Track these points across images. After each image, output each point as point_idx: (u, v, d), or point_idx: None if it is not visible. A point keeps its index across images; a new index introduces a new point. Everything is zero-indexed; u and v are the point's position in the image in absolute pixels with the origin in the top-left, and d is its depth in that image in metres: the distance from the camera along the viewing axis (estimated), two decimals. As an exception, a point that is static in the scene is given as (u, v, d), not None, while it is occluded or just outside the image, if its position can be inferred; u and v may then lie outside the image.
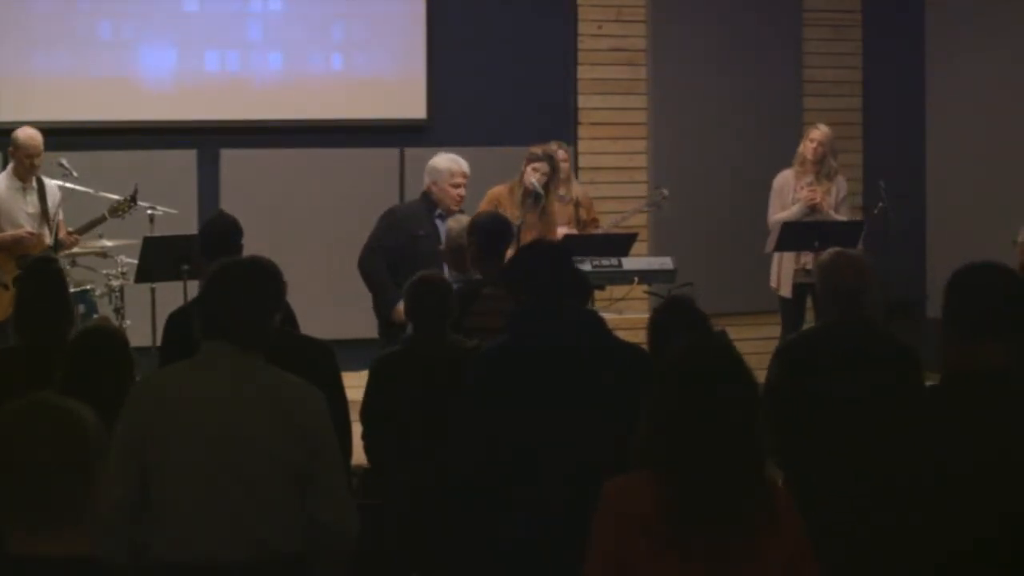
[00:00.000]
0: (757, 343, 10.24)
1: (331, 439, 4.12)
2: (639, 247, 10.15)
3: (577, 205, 9.54)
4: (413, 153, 10.92)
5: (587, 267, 8.55)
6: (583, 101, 11.47)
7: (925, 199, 11.73)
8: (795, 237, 9.64)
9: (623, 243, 9.30)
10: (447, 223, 7.67)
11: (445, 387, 5.25)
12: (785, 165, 10.06)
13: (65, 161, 9.11)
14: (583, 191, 9.79)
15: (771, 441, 5.13)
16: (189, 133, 10.66)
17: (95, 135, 10.29)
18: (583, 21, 11.45)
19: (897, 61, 11.92)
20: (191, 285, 8.49)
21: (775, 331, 10.11)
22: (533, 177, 8.90)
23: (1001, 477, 3.43)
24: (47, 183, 9.10)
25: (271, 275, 4.30)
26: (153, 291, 8.99)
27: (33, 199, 9.07)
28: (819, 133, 9.99)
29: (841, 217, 9.95)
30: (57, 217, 9.08)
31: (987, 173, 11.21)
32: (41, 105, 10.11)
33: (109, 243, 9.30)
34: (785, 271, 9.89)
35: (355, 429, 5.74)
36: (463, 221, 7.40)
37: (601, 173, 11.22)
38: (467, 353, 5.62)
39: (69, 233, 9.10)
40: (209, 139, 10.69)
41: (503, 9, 11.23)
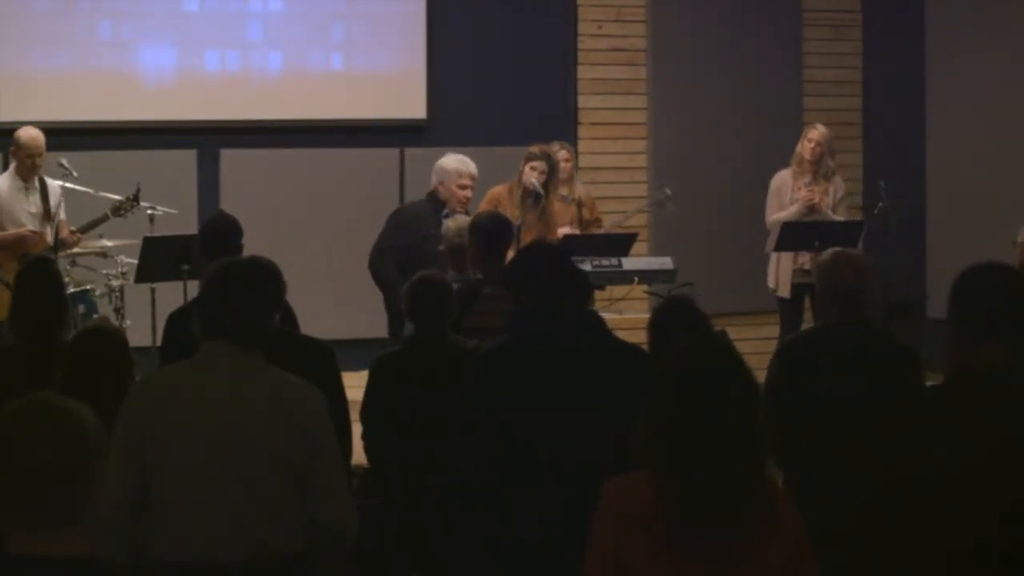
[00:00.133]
0: (757, 343, 10.24)
1: (331, 439, 4.12)
2: (639, 247, 10.15)
3: (580, 205, 9.53)
4: (413, 153, 10.92)
5: (587, 267, 8.55)
6: (583, 101, 11.47)
7: (925, 199, 11.72)
8: (795, 237, 9.64)
9: (623, 243, 9.30)
10: (446, 223, 7.67)
11: (445, 387, 5.25)
12: (785, 165, 10.07)
13: (65, 161, 9.11)
14: (586, 191, 9.79)
15: (771, 441, 5.13)
16: (189, 133, 10.66)
17: (95, 135, 10.29)
18: (583, 21, 11.45)
19: (897, 61, 11.92)
20: (191, 285, 8.49)
21: (775, 331, 10.11)
22: (532, 176, 8.90)
23: (1001, 476, 3.44)
24: (49, 183, 9.11)
25: (271, 275, 4.30)
26: (153, 291, 8.99)
27: (35, 199, 9.07)
28: (817, 133, 9.99)
29: (839, 217, 9.95)
30: (58, 217, 9.08)
31: (987, 173, 11.21)
32: (41, 105, 10.11)
33: (109, 243, 9.30)
34: (783, 271, 9.89)
35: (355, 429, 5.74)
36: (461, 221, 7.41)
37: (601, 173, 11.22)
38: (467, 353, 5.62)
39: (72, 232, 9.10)
40: (209, 139, 10.69)
41: (503, 9, 11.23)
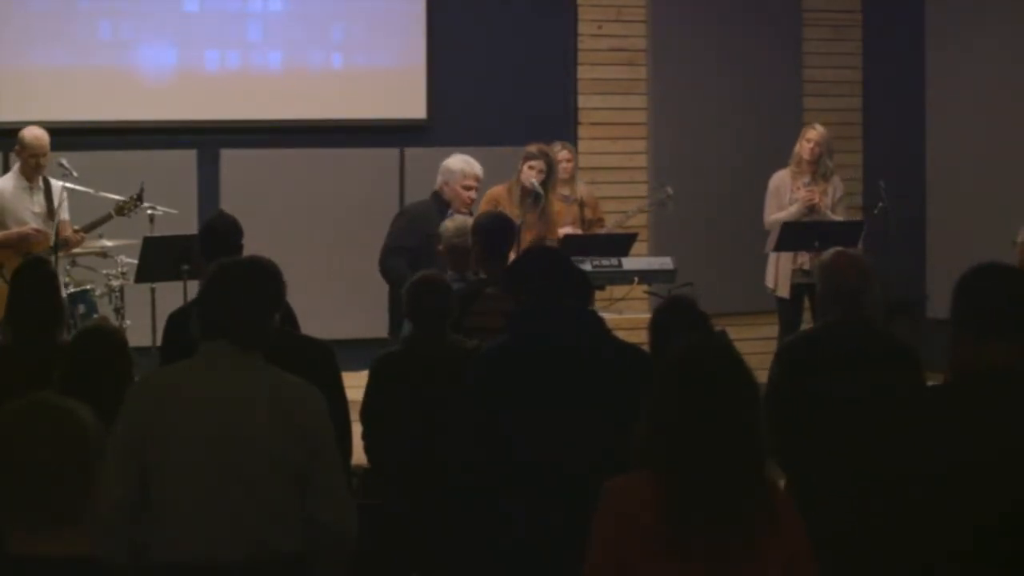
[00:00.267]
0: (757, 343, 10.24)
1: (331, 439, 4.12)
2: (639, 247, 10.15)
3: (582, 205, 9.53)
4: (413, 153, 10.93)
5: (587, 267, 8.55)
6: (583, 101, 11.47)
7: (925, 199, 11.72)
8: (795, 237, 9.64)
9: (623, 243, 9.30)
10: (444, 224, 7.66)
11: (445, 387, 5.25)
12: (785, 165, 10.06)
13: (65, 161, 9.10)
14: (588, 191, 9.79)
15: (773, 441, 5.14)
16: (189, 133, 10.66)
17: (95, 135, 10.29)
18: (583, 21, 11.45)
19: (897, 61, 11.92)
20: (191, 285, 8.49)
21: (775, 331, 10.12)
22: (530, 176, 8.90)
23: (1002, 477, 3.44)
24: (53, 183, 9.10)
25: (271, 275, 4.30)
26: (153, 291, 8.99)
27: (39, 199, 9.07)
28: (815, 133, 9.99)
29: (838, 217, 9.95)
30: (59, 217, 9.06)
31: (987, 173, 11.21)
32: (41, 105, 10.11)
33: (109, 243, 9.30)
34: (783, 271, 9.89)
35: (355, 429, 5.74)
36: (459, 221, 7.41)
37: (601, 173, 11.21)
38: (467, 353, 5.62)
39: (76, 231, 9.10)
40: (209, 139, 10.69)
41: (503, 9, 11.23)
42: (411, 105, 11.05)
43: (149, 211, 9.21)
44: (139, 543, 3.99)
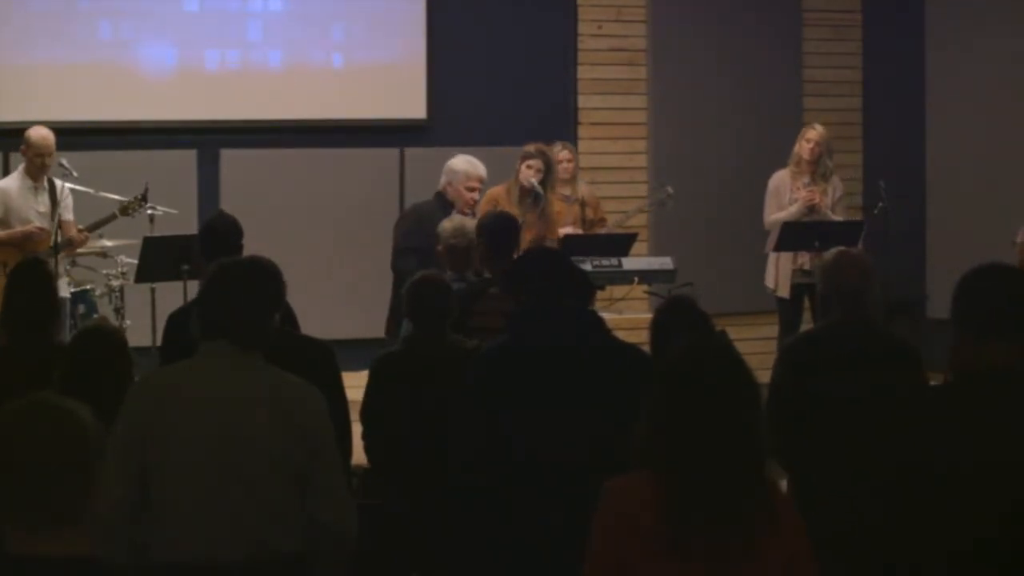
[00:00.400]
0: (757, 343, 10.24)
1: (331, 439, 4.12)
2: (639, 247, 10.15)
3: (583, 205, 9.53)
4: (413, 153, 10.93)
5: (587, 267, 8.55)
6: (583, 101, 11.47)
7: (925, 199, 11.73)
8: (795, 237, 9.64)
9: (623, 243, 9.30)
10: (441, 224, 7.64)
11: (445, 387, 5.25)
12: (785, 165, 10.06)
13: (65, 161, 9.10)
14: (590, 191, 9.78)
15: (775, 441, 5.14)
16: (189, 133, 10.66)
17: (95, 135, 10.28)
18: (583, 21, 11.45)
19: (897, 61, 11.92)
20: (191, 285, 8.49)
21: (774, 331, 10.12)
22: (529, 175, 8.90)
23: (1002, 477, 3.44)
24: (58, 183, 9.09)
25: (271, 275, 4.30)
26: (153, 291, 8.99)
27: (44, 199, 9.05)
28: (815, 133, 9.99)
29: (838, 217, 9.95)
30: (58, 216, 9.03)
31: (987, 173, 11.21)
32: (41, 105, 10.10)
33: (109, 243, 9.30)
34: (783, 271, 9.89)
35: (355, 429, 5.74)
36: (457, 221, 7.40)
37: (601, 173, 11.21)
38: (467, 353, 5.62)
39: (80, 231, 9.10)
40: (209, 139, 10.69)
41: (503, 9, 11.23)
42: (411, 105, 11.05)
43: (149, 211, 9.21)
44: (139, 543, 3.99)
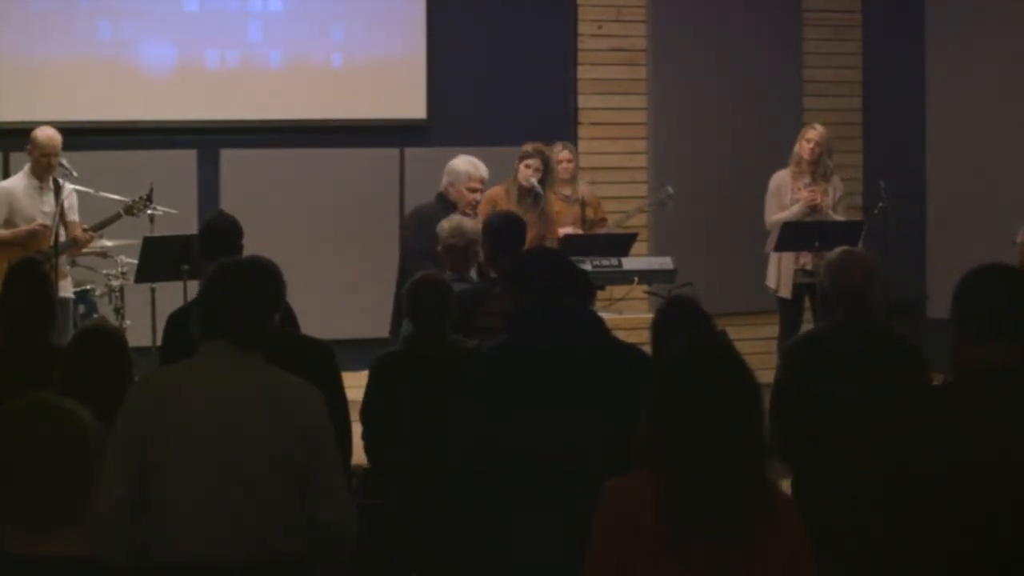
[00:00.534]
0: (757, 343, 10.24)
1: (330, 439, 4.12)
2: (639, 247, 10.15)
3: (583, 205, 9.52)
4: (413, 153, 10.93)
5: (587, 267, 8.55)
6: (583, 101, 11.47)
7: (925, 199, 11.73)
8: (795, 237, 9.64)
9: (623, 243, 9.30)
10: (440, 224, 7.63)
11: (445, 387, 5.25)
12: (785, 165, 10.06)
13: (65, 161, 9.10)
14: (590, 191, 9.78)
15: (779, 441, 5.14)
16: (189, 133, 10.66)
17: (95, 135, 10.28)
18: (583, 21, 11.45)
19: (897, 61, 11.92)
20: (191, 285, 8.48)
21: (775, 331, 10.12)
22: (527, 174, 8.91)
23: (1002, 477, 3.44)
24: (64, 184, 9.08)
25: (271, 275, 4.30)
26: (153, 291, 8.99)
27: (50, 199, 9.04)
28: (815, 133, 9.99)
29: (839, 217, 9.95)
30: (60, 216, 9.01)
31: (987, 173, 11.21)
32: (41, 104, 10.10)
33: (109, 243, 9.30)
34: (785, 271, 9.88)
35: (355, 429, 5.74)
36: (455, 221, 7.40)
37: (601, 173, 11.21)
38: (467, 353, 5.62)
39: (85, 230, 9.09)
40: (209, 139, 10.69)
41: (503, 9, 11.23)
42: (411, 105, 11.05)
43: (149, 211, 9.21)
44: (139, 543, 3.99)
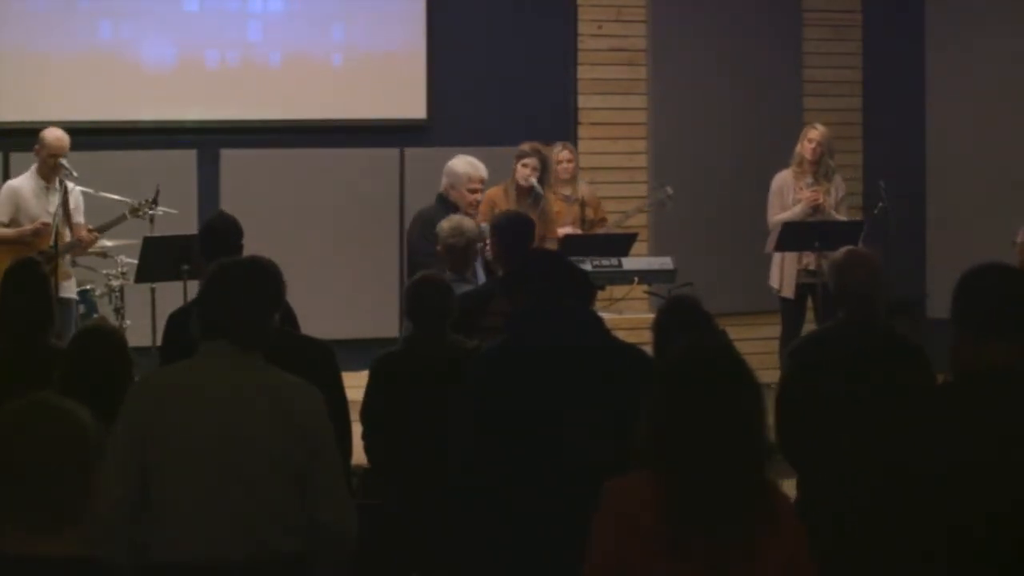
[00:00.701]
0: (757, 343, 10.24)
1: (330, 439, 4.12)
2: (639, 247, 10.15)
3: (583, 205, 9.52)
4: (413, 153, 10.92)
5: (587, 267, 8.55)
6: (583, 101, 11.47)
7: (925, 199, 11.73)
8: (795, 237, 9.64)
9: (623, 243, 9.30)
10: (439, 224, 7.63)
11: (445, 387, 5.25)
12: (785, 165, 10.06)
13: (65, 161, 9.10)
14: (590, 191, 9.78)
15: (783, 441, 5.14)
16: (189, 133, 10.66)
17: (95, 135, 10.27)
18: (583, 21, 11.45)
19: (897, 61, 11.92)
20: (191, 285, 8.48)
21: (775, 331, 10.12)
22: (525, 174, 8.91)
23: (1002, 477, 3.44)
24: (70, 186, 9.07)
25: (271, 275, 4.30)
26: (153, 291, 8.99)
27: (56, 199, 9.03)
28: (817, 133, 9.98)
29: (841, 217, 9.95)
30: (62, 216, 9.00)
31: (987, 173, 11.21)
32: (41, 104, 10.11)
33: (109, 243, 9.30)
34: (788, 271, 9.88)
35: (355, 429, 5.74)
36: (454, 221, 7.41)
37: (601, 173, 11.21)
38: (467, 353, 5.62)
39: (89, 231, 9.08)
40: (209, 139, 10.68)
41: (503, 9, 11.23)
42: (411, 105, 11.05)
43: (149, 211, 9.20)
44: (139, 543, 3.99)
